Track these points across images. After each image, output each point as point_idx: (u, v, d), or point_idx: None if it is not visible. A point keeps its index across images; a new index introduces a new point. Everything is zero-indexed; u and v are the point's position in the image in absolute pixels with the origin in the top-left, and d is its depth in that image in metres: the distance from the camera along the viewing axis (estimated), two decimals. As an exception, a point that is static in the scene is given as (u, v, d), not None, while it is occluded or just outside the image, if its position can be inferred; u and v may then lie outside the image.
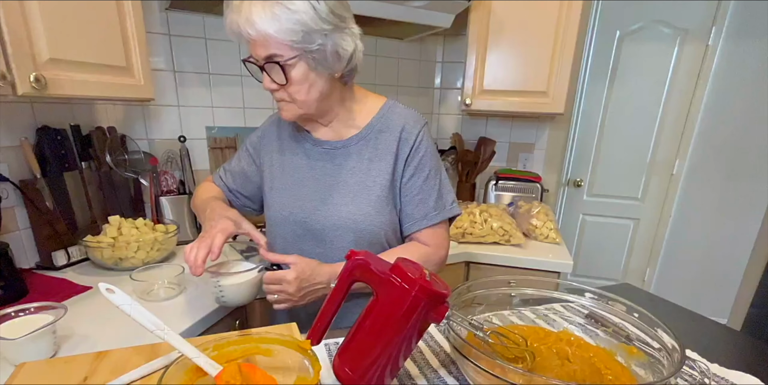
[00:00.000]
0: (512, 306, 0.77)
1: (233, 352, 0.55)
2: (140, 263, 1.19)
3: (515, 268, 1.54)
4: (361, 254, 0.57)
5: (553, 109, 1.76)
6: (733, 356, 0.76)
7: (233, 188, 1.06)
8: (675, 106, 2.41)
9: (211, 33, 1.52)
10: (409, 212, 0.93)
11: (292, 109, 0.86)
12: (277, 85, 0.81)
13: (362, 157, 0.92)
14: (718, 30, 2.26)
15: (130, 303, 0.54)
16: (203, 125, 1.59)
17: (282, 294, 0.85)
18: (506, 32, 1.72)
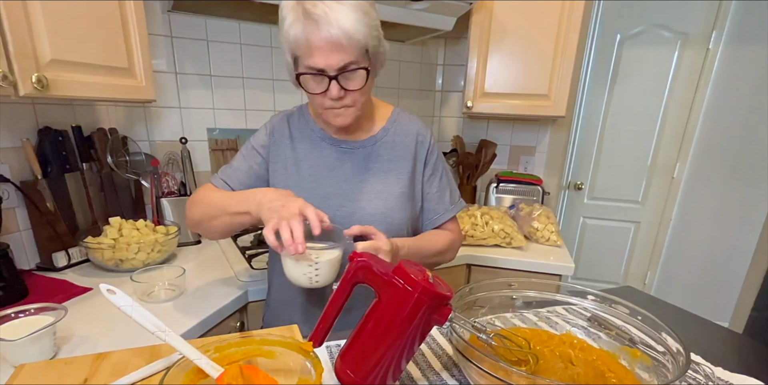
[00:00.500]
0: (514, 309, 0.77)
1: (235, 354, 0.55)
2: (141, 264, 1.18)
3: (516, 270, 1.54)
4: (364, 255, 0.56)
5: (554, 112, 1.76)
6: (736, 360, 0.75)
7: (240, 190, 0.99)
8: (675, 110, 2.41)
9: (212, 35, 1.53)
10: (432, 208, 1.02)
11: (351, 114, 0.87)
12: (344, 92, 0.82)
13: (381, 158, 0.96)
14: (718, 34, 2.26)
15: (131, 304, 0.54)
16: (204, 127, 1.60)
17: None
18: (508, 35, 1.72)
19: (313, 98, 0.86)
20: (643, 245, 2.64)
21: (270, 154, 0.98)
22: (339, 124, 0.88)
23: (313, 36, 0.75)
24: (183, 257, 1.36)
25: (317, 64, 0.78)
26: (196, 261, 1.34)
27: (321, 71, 0.79)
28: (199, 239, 1.51)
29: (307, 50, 0.77)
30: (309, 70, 0.80)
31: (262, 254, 1.37)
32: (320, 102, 0.85)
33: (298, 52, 0.79)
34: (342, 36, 0.75)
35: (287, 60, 0.84)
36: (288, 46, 0.79)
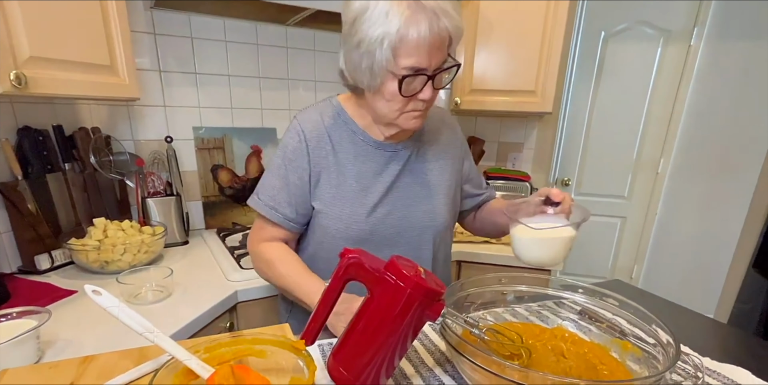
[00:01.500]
0: (506, 304, 0.77)
1: (225, 354, 0.54)
2: (127, 265, 1.16)
3: (506, 266, 1.55)
4: (355, 252, 0.56)
5: (541, 109, 1.77)
6: (723, 350, 0.77)
7: (292, 218, 0.91)
8: (659, 106, 2.44)
9: (197, 32, 1.50)
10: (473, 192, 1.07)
11: (426, 115, 0.85)
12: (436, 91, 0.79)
13: (424, 157, 0.95)
14: (699, 31, 2.30)
15: (118, 305, 0.52)
16: (190, 126, 1.57)
17: None
18: (494, 32, 1.73)
19: (391, 103, 0.78)
20: (629, 240, 2.68)
21: (311, 163, 0.89)
22: (414, 127, 0.83)
23: (425, 32, 0.69)
24: (170, 257, 1.34)
25: (421, 64, 0.72)
26: (184, 262, 1.32)
27: (420, 71, 0.73)
28: (187, 240, 1.49)
29: (412, 49, 0.71)
30: (409, 71, 0.73)
31: (251, 253, 1.35)
32: (400, 106, 0.79)
33: (398, 51, 0.71)
34: (453, 30, 0.72)
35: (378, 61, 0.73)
36: (389, 43, 0.70)
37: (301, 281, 0.87)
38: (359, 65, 0.75)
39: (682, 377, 0.62)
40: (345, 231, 0.89)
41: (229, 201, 1.68)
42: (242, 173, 1.69)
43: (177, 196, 1.45)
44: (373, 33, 0.70)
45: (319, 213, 0.91)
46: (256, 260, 0.96)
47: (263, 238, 0.96)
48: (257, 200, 0.93)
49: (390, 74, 0.74)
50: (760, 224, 1.83)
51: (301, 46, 1.70)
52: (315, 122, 0.90)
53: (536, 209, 0.80)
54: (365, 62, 0.74)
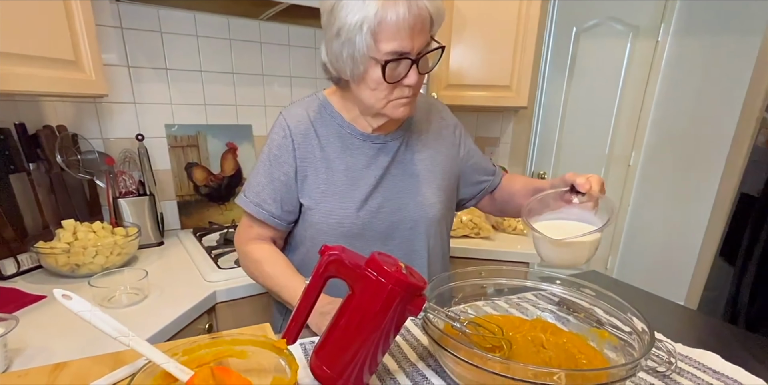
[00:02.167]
0: (486, 297, 0.78)
1: (205, 355, 0.53)
2: (99, 268, 1.12)
3: (486, 260, 1.57)
4: (335, 248, 0.55)
5: (516, 103, 1.79)
6: (693, 335, 0.79)
7: (278, 215, 0.91)
8: (630, 100, 2.51)
9: (166, 26, 1.46)
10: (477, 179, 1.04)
11: (415, 101, 0.83)
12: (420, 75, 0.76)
13: (414, 148, 0.93)
14: (666, 27, 2.36)
15: (90, 309, 0.51)
16: (162, 123, 1.53)
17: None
18: (469, 27, 1.73)
19: (376, 91, 0.77)
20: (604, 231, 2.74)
21: (296, 159, 0.88)
22: (403, 116, 0.81)
23: (404, 13, 0.68)
24: (145, 259, 1.31)
25: (404, 48, 0.71)
26: (160, 263, 1.28)
27: (403, 55, 0.72)
28: (162, 240, 1.46)
29: (392, 32, 0.69)
30: (392, 56, 0.71)
31: (229, 253, 1.33)
32: (386, 93, 0.77)
33: (378, 36, 0.70)
34: (433, 11, 0.70)
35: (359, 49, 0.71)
36: (369, 28, 0.69)
37: (287, 282, 0.86)
38: (341, 55, 0.74)
39: (656, 363, 0.64)
40: (336, 226, 0.88)
41: (204, 200, 1.65)
42: (218, 171, 1.66)
43: (150, 195, 1.41)
44: (352, 19, 0.69)
45: (309, 209, 0.90)
46: (244, 260, 0.95)
47: (250, 237, 0.94)
48: (244, 198, 0.92)
49: (372, 61, 0.73)
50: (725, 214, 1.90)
51: (275, 41, 1.67)
52: (301, 117, 0.89)
53: (558, 201, 0.75)
54: (346, 51, 0.73)
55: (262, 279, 0.91)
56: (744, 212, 1.63)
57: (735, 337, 0.79)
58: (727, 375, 0.63)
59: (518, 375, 0.48)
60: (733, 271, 1.55)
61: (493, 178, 1.06)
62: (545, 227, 0.70)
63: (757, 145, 1.69)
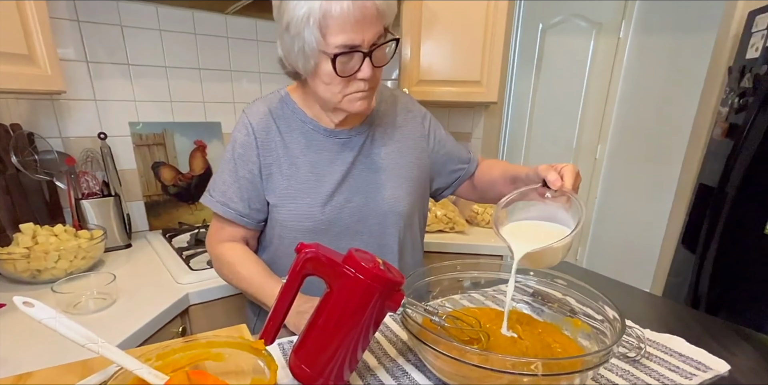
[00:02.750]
0: (463, 290, 0.79)
1: (179, 360, 0.51)
2: (63, 273, 1.08)
3: (461, 254, 1.59)
4: (311, 246, 0.55)
5: (487, 98, 1.81)
6: (660, 321, 0.83)
7: (245, 213, 0.89)
8: (594, 94, 2.58)
9: (127, 20, 1.40)
10: (452, 168, 1.03)
11: (373, 95, 0.81)
12: (375, 70, 0.74)
13: (380, 143, 0.92)
14: (627, 24, 2.43)
15: (55, 316, 0.48)
16: (126, 121, 1.47)
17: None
18: (438, 23, 1.74)
19: (330, 85, 0.76)
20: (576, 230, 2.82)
21: (260, 156, 0.87)
22: (361, 110, 0.80)
23: (348, 6, 0.67)
24: (112, 262, 1.26)
25: (353, 41, 0.69)
26: (128, 266, 1.24)
27: (354, 48, 0.71)
28: (130, 243, 1.41)
29: (339, 25, 0.68)
30: (341, 49, 0.70)
31: (201, 254, 1.30)
32: (340, 88, 0.76)
33: (326, 30, 0.69)
34: (382, 3, 0.69)
35: (308, 42, 0.70)
36: (315, 21, 0.68)
37: (263, 284, 0.85)
38: (292, 49, 0.73)
39: (627, 349, 0.67)
40: (301, 223, 0.87)
41: (173, 200, 1.60)
42: (186, 170, 1.61)
43: (115, 196, 1.36)
44: (298, 12, 0.68)
45: (275, 207, 0.89)
46: (217, 263, 0.93)
47: (222, 238, 0.92)
48: (209, 197, 0.91)
49: (323, 54, 0.72)
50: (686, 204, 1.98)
51: (243, 36, 1.63)
52: (263, 114, 0.88)
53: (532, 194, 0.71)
54: (297, 45, 0.72)
55: (237, 281, 0.90)
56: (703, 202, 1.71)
57: (697, 320, 0.83)
58: (691, 358, 0.66)
59: (497, 366, 0.49)
60: (694, 258, 1.63)
61: (468, 165, 1.05)
62: (518, 228, 0.69)
63: (713, 137, 1.77)
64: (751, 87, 1.50)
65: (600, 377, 0.61)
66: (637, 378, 0.61)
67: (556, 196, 0.68)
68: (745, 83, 1.54)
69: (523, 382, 0.48)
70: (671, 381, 0.60)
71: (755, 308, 1.40)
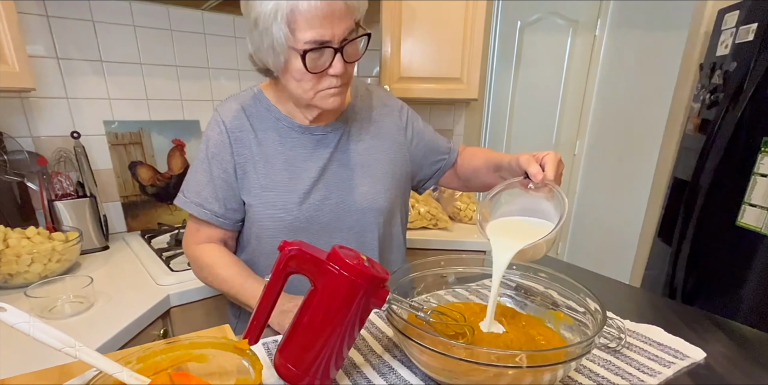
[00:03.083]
0: (447, 285, 0.79)
1: (161, 362, 0.50)
2: (36, 277, 1.04)
3: (445, 250, 1.60)
4: (294, 244, 0.54)
5: (467, 95, 1.82)
6: (638, 311, 0.85)
7: (221, 213, 0.88)
8: (572, 91, 2.62)
9: (99, 15, 1.36)
10: (432, 159, 1.02)
11: (345, 91, 0.80)
12: (346, 66, 0.73)
13: (357, 138, 0.90)
14: (602, 22, 2.48)
15: (29, 320, 0.47)
16: (100, 119, 1.43)
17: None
18: (418, 21, 1.74)
19: (302, 82, 0.75)
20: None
21: (234, 155, 0.85)
22: (334, 106, 0.79)
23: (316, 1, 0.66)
24: (89, 265, 1.23)
25: (323, 37, 0.68)
26: (106, 268, 1.21)
27: (325, 44, 0.70)
28: (107, 245, 1.37)
29: (307, 20, 0.67)
30: (311, 45, 0.69)
31: (181, 254, 1.27)
32: (312, 84, 0.75)
33: (295, 25, 0.68)
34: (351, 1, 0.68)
35: (276, 38, 0.69)
36: (282, 17, 0.67)
37: (244, 284, 0.84)
38: (262, 45, 0.72)
39: (608, 340, 0.68)
40: (278, 221, 0.86)
41: (152, 200, 1.57)
42: (165, 170, 1.58)
43: (91, 197, 1.32)
44: (266, 8, 0.67)
45: (251, 206, 0.87)
46: (195, 265, 0.91)
47: (199, 240, 0.90)
48: (183, 198, 0.89)
49: (292, 50, 0.70)
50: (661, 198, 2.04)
51: (220, 32, 1.61)
52: (236, 112, 0.87)
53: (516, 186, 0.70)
54: (266, 41, 0.70)
55: (217, 284, 0.88)
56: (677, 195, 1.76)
57: (674, 310, 0.85)
58: (669, 347, 0.68)
59: (482, 359, 0.49)
60: (670, 250, 1.67)
61: (449, 155, 1.04)
62: (502, 226, 0.69)
63: (687, 133, 1.82)
64: (721, 83, 1.55)
65: (582, 367, 0.62)
66: (618, 368, 0.62)
67: (538, 187, 0.68)
68: (715, 80, 1.59)
69: (509, 374, 0.49)
70: (651, 370, 0.62)
71: (728, 297, 1.45)
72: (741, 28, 1.48)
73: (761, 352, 0.69)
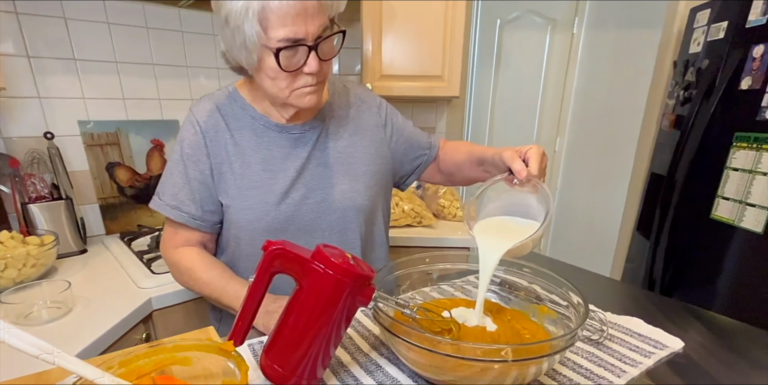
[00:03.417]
0: (432, 282, 0.79)
1: (144, 366, 0.49)
2: (11, 283, 1.01)
3: (430, 248, 1.60)
4: (278, 243, 0.54)
5: (449, 93, 1.83)
6: (619, 304, 0.86)
7: (198, 216, 0.86)
8: (552, 88, 2.66)
9: (71, 12, 1.32)
10: (412, 155, 1.01)
11: (322, 90, 0.78)
12: (322, 64, 0.71)
13: (335, 136, 0.89)
14: (580, 20, 2.52)
15: (4, 327, 0.45)
16: (75, 119, 1.39)
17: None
18: (399, 19, 1.74)
19: (276, 80, 0.73)
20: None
21: (210, 156, 0.83)
22: (310, 105, 0.77)
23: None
24: (66, 269, 1.20)
25: (296, 34, 0.67)
26: (84, 272, 1.18)
27: (298, 42, 0.68)
28: (85, 248, 1.34)
29: (280, 17, 0.65)
30: (285, 43, 0.67)
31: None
32: (287, 82, 0.73)
33: (267, 23, 0.66)
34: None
35: (249, 36, 0.67)
36: (254, 14, 0.65)
37: (226, 286, 0.82)
38: (234, 43, 0.70)
39: (590, 332, 0.69)
40: (256, 222, 0.85)
41: (131, 202, 1.53)
42: (144, 171, 1.55)
43: (67, 199, 1.29)
44: (236, 5, 0.65)
45: (228, 208, 0.86)
46: (174, 270, 0.89)
47: (177, 243, 0.88)
48: (158, 201, 0.86)
49: (265, 49, 0.69)
50: (639, 193, 2.08)
51: (198, 30, 1.58)
52: (210, 112, 0.85)
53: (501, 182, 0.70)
54: (238, 39, 0.68)
55: (199, 287, 0.86)
56: (655, 190, 1.80)
57: (653, 302, 0.87)
58: (649, 337, 0.70)
59: (468, 354, 0.50)
60: (649, 244, 1.71)
61: (429, 150, 1.02)
62: (488, 225, 0.69)
63: (662, 128, 1.86)
64: (694, 80, 1.59)
65: (567, 360, 0.63)
66: (600, 359, 0.63)
67: (523, 183, 0.69)
68: (689, 77, 1.63)
69: (495, 368, 0.49)
70: (632, 360, 0.63)
71: (705, 288, 1.50)
72: (712, 26, 1.52)
73: (736, 340, 0.72)
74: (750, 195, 1.32)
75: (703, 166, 1.49)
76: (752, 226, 1.30)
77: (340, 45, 0.75)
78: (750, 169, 1.32)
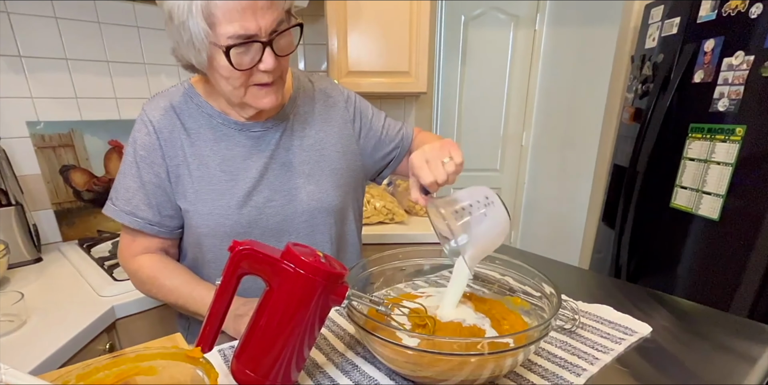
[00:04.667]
0: (406, 278, 0.79)
1: (105, 379, 0.46)
2: (-45, 296, 0.94)
3: (402, 244, 1.59)
4: (245, 243, 0.51)
5: (416, 89, 1.83)
6: (589, 292, 0.88)
7: (156, 221, 0.81)
8: (517, 84, 2.71)
9: (13, 6, 1.23)
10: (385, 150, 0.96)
11: (281, 88, 0.73)
12: (278, 60, 0.67)
13: (299, 134, 0.85)
14: (541, 17, 2.57)
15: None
16: (23, 120, 1.31)
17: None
18: (364, 14, 1.73)
19: (230, 79, 0.68)
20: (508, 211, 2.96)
21: (165, 157, 0.78)
22: (268, 105, 0.72)
23: None
24: (19, 280, 1.12)
25: (247, 30, 0.62)
26: (39, 282, 1.11)
27: (251, 38, 0.63)
28: (40, 256, 1.26)
29: (227, 12, 0.60)
30: (235, 40, 0.62)
31: (125, 262, 1.20)
32: (242, 81, 0.68)
33: (213, 19, 0.61)
34: None
35: (195, 34, 0.62)
36: (198, 10, 0.60)
37: (192, 292, 0.78)
38: (181, 40, 0.64)
39: (563, 321, 0.70)
40: (217, 228, 0.80)
41: (89, 206, 1.46)
42: (101, 173, 1.47)
43: (17, 205, 1.21)
44: (177, 1, 0.60)
45: (187, 212, 0.80)
46: (136, 279, 0.84)
47: (135, 251, 0.83)
48: (112, 207, 0.81)
49: (214, 46, 0.64)
50: (603, 184, 2.15)
51: (155, 25, 1.51)
52: (164, 110, 0.79)
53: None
54: (184, 36, 0.63)
55: (163, 295, 0.81)
56: (618, 181, 1.86)
57: (620, 289, 0.90)
58: (619, 324, 0.71)
59: (444, 349, 0.49)
60: (614, 233, 1.77)
61: (402, 143, 0.98)
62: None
63: (623, 122, 1.93)
64: (651, 74, 1.65)
65: (541, 350, 0.64)
66: (574, 348, 0.64)
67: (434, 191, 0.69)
68: (646, 71, 1.69)
69: (472, 362, 0.49)
70: (604, 347, 0.65)
71: (667, 273, 1.56)
72: (666, 21, 1.58)
73: (699, 323, 0.75)
74: (705, 184, 1.38)
75: (662, 157, 1.55)
76: (708, 213, 1.36)
77: (299, 39, 0.71)
78: (705, 159, 1.38)
